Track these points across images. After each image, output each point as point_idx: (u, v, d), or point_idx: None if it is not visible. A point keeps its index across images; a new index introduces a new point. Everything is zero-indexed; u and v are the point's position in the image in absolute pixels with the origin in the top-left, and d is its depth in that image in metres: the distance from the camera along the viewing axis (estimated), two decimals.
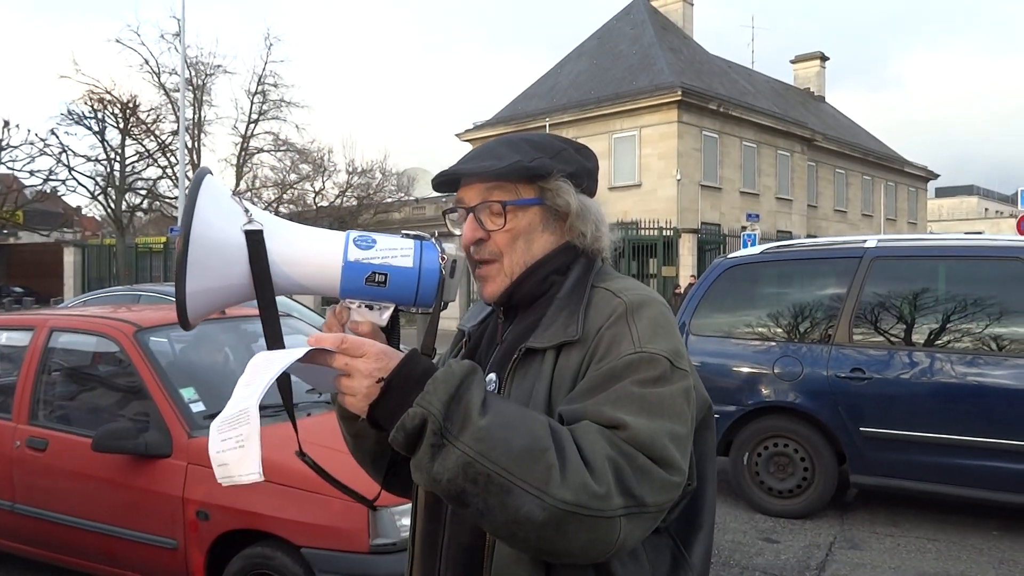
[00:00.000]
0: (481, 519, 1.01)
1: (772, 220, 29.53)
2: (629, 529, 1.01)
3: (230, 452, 0.97)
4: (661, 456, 1.04)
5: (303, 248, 1.14)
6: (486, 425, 0.98)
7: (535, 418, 1.03)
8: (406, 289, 1.16)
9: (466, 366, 1.03)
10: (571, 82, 30.28)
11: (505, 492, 0.97)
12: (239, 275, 1.10)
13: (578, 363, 1.14)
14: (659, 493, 1.03)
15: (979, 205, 65.95)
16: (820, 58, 42.65)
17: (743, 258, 6.14)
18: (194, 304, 1.08)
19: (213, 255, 1.07)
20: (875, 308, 5.33)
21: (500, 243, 1.23)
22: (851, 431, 5.13)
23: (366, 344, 1.04)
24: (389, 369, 1.03)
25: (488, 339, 1.32)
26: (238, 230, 1.09)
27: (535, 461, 0.98)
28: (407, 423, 0.99)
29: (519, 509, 0.97)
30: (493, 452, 0.97)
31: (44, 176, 28.95)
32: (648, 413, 1.05)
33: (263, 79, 30.97)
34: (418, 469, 1.00)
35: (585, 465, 0.99)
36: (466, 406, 0.99)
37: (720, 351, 5.77)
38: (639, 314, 1.15)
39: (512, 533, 1.00)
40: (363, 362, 1.03)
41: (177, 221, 21.60)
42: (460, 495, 0.99)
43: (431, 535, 1.24)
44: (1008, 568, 4.50)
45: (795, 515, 5.34)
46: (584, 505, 0.97)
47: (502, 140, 1.27)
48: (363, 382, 1.03)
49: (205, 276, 1.07)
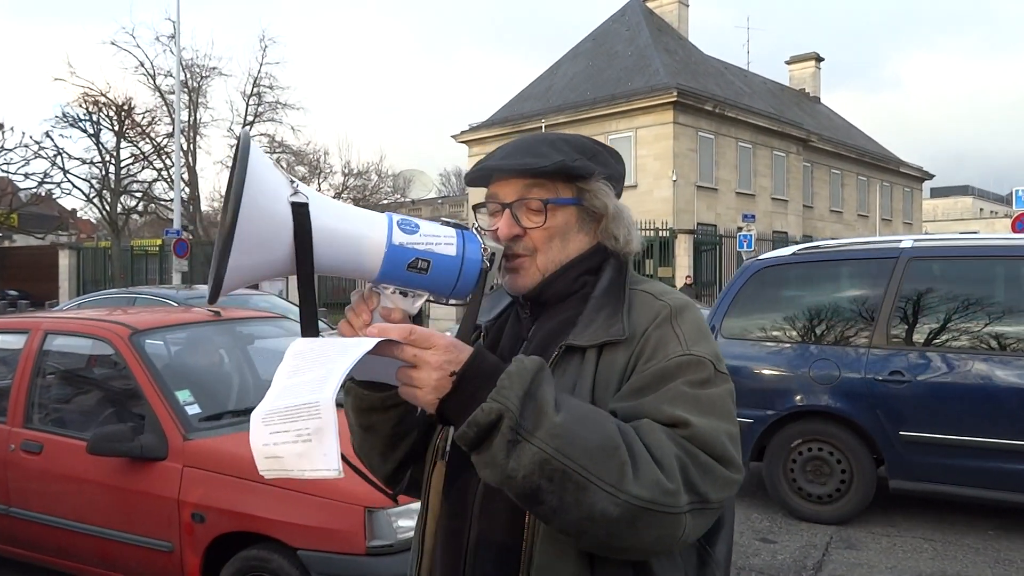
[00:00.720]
0: (553, 516, 1.00)
1: (768, 221, 29.58)
2: (692, 525, 1.04)
3: (287, 446, 0.93)
4: (721, 454, 1.07)
5: (346, 226, 1.08)
6: (561, 422, 0.98)
7: (604, 415, 1.04)
8: (446, 278, 1.12)
9: (536, 361, 1.02)
10: (567, 83, 30.30)
11: (581, 489, 0.97)
12: (281, 249, 1.03)
13: (624, 362, 1.15)
14: (721, 490, 1.07)
15: (974, 205, 66.15)
16: (815, 59, 42.74)
17: (774, 259, 6.02)
18: (232, 275, 1.01)
19: (261, 225, 1.00)
20: (913, 309, 5.24)
21: (536, 240, 1.23)
22: (890, 435, 5.03)
23: (435, 336, 1.01)
24: (460, 362, 1.00)
25: (511, 335, 1.31)
26: (285, 201, 1.03)
27: (609, 458, 0.99)
28: (481, 419, 0.96)
29: (594, 506, 0.98)
30: (569, 449, 0.97)
31: (39, 179, 28.86)
32: (705, 413, 1.08)
33: (258, 81, 30.97)
34: (489, 466, 0.98)
35: (655, 462, 1.01)
36: (540, 402, 0.99)
37: (752, 354, 5.67)
38: (683, 317, 1.18)
39: (583, 530, 1.01)
40: (432, 354, 1.00)
41: (172, 223, 21.57)
42: (535, 492, 0.98)
43: (454, 533, 1.21)
44: (1004, 567, 4.50)
45: (833, 521, 5.24)
46: (657, 502, 0.99)
47: (539, 138, 1.27)
48: (432, 375, 1.00)
49: (251, 247, 1.01)
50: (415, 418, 1.28)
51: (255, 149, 1.02)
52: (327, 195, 5.52)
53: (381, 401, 1.22)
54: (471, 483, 1.19)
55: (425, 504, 1.28)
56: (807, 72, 42.51)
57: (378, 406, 1.23)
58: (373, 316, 1.12)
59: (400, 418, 1.25)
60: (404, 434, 1.27)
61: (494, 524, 1.16)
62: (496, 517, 1.16)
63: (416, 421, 1.28)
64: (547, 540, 1.10)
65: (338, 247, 1.07)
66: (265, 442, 0.94)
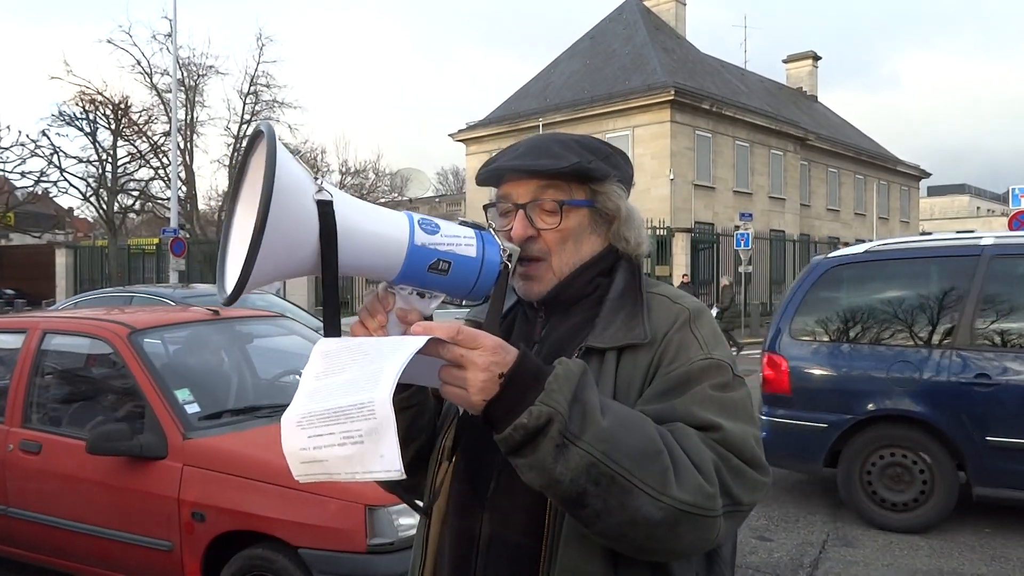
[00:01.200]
0: (596, 520, 1.00)
1: (765, 219, 29.60)
2: (725, 527, 1.05)
3: (332, 449, 0.89)
4: (751, 457, 1.09)
5: (369, 225, 1.05)
6: (608, 426, 0.98)
7: (645, 420, 1.04)
8: (465, 280, 1.09)
9: (581, 365, 1.02)
10: (564, 82, 30.30)
11: (626, 493, 0.98)
12: (307, 248, 1.01)
13: (646, 365, 1.16)
14: (752, 493, 1.08)
15: (971, 203, 66.28)
16: (812, 57, 42.76)
17: (845, 257, 5.79)
18: (258, 275, 0.97)
19: (287, 225, 0.97)
20: (997, 309, 5.07)
21: (550, 242, 1.22)
22: (975, 440, 4.86)
23: (481, 336, 0.98)
24: (507, 363, 0.98)
25: (519, 336, 1.30)
26: (311, 199, 1.00)
27: (652, 462, 0.99)
28: (529, 422, 0.95)
29: (639, 510, 0.98)
30: (616, 453, 0.97)
31: (35, 177, 28.84)
32: (732, 416, 1.10)
33: (255, 80, 30.93)
34: (534, 469, 0.97)
35: (694, 466, 1.02)
36: (586, 406, 0.98)
37: (824, 356, 5.50)
38: (700, 321, 1.20)
39: (623, 534, 1.01)
40: (479, 355, 0.97)
41: (170, 222, 21.53)
42: (580, 496, 0.98)
43: (464, 533, 1.20)
44: (1000, 564, 4.52)
45: (914, 529, 5.06)
46: (700, 506, 1.01)
47: (552, 138, 1.26)
48: (479, 375, 0.97)
49: (278, 246, 0.97)
50: (425, 422, 1.27)
51: (281, 145, 0.99)
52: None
53: (395, 403, 1.21)
54: (481, 484, 1.19)
55: (429, 505, 1.27)
56: (804, 71, 42.53)
57: None
58: (389, 317, 1.11)
59: (411, 420, 1.23)
60: (413, 439, 1.26)
61: (509, 524, 1.16)
62: (511, 518, 1.15)
63: (425, 425, 1.27)
64: (571, 541, 1.10)
65: (361, 247, 1.04)
66: (303, 446, 0.90)
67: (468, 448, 1.22)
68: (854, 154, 37.23)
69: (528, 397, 0.96)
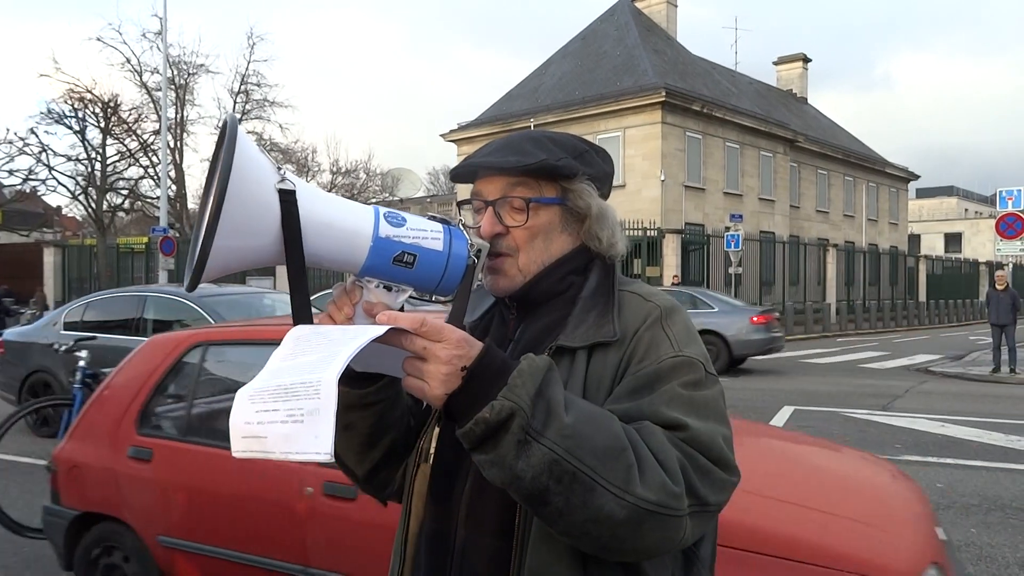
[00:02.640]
0: (558, 518, 0.99)
1: (755, 221, 29.72)
2: (691, 527, 1.04)
3: (273, 426, 0.88)
4: (719, 457, 1.07)
5: (333, 216, 1.05)
6: (571, 422, 0.97)
7: (610, 417, 1.03)
8: (431, 273, 1.09)
9: (546, 361, 1.01)
10: (555, 83, 30.33)
11: (589, 491, 0.97)
12: (267, 236, 1.01)
13: (616, 363, 1.14)
14: (720, 492, 1.06)
15: (959, 206, 66.69)
16: (803, 59, 42.97)
17: None
18: (215, 262, 0.97)
19: (246, 212, 0.97)
20: None
21: (518, 239, 1.22)
22: None
23: (446, 329, 0.97)
24: (471, 357, 0.97)
25: (496, 335, 1.29)
26: (272, 188, 1.00)
27: (616, 460, 0.98)
28: (491, 416, 0.94)
29: (601, 508, 0.97)
30: (579, 450, 0.96)
31: (23, 175, 28.67)
32: (701, 415, 1.08)
33: (246, 78, 30.87)
34: (496, 465, 0.96)
35: (660, 465, 1.01)
36: (549, 402, 0.97)
37: None
38: (672, 319, 1.18)
39: (586, 532, 1.00)
40: (443, 347, 0.96)
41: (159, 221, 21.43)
42: (542, 493, 0.97)
43: (438, 537, 1.20)
44: (986, 564, 4.55)
45: None
46: (664, 504, 0.99)
47: (525, 136, 1.25)
48: (442, 368, 0.96)
49: (236, 232, 0.97)
50: (394, 418, 1.26)
51: (242, 133, 0.99)
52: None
53: (360, 398, 1.19)
54: (457, 486, 1.18)
55: (407, 508, 1.26)
56: (794, 73, 42.73)
57: (356, 403, 1.19)
58: (355, 310, 1.10)
59: (379, 416, 1.22)
60: (382, 433, 1.25)
61: (482, 527, 1.15)
62: (484, 520, 1.14)
63: (395, 421, 1.26)
64: (539, 542, 1.09)
65: (323, 237, 1.04)
66: (248, 420, 0.89)
67: (444, 450, 1.21)
68: (843, 156, 37.42)
69: (491, 392, 0.96)
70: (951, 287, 36.33)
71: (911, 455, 7.26)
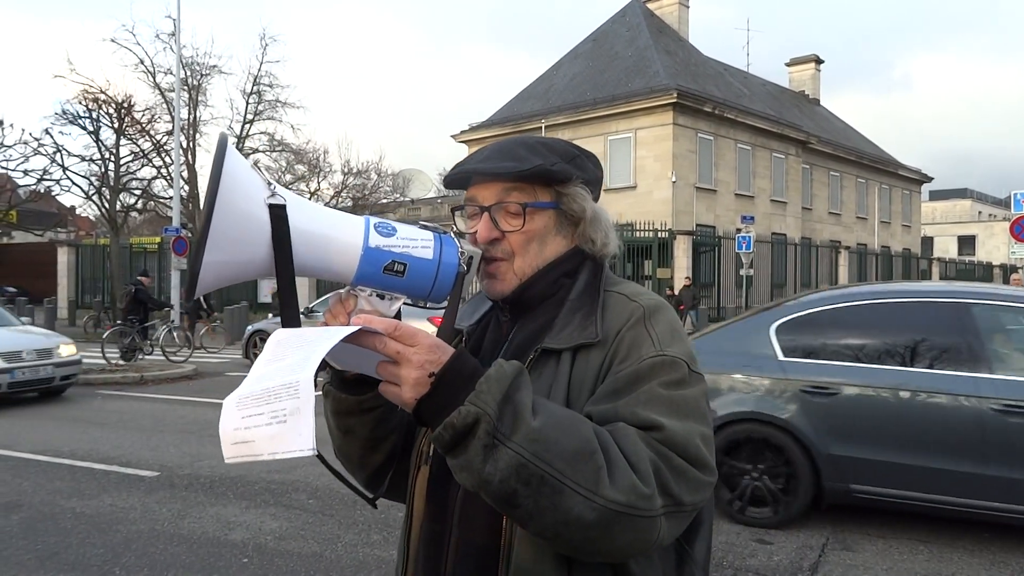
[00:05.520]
0: (529, 520, 1.00)
1: (767, 222, 29.61)
2: (667, 528, 1.04)
3: (260, 429, 0.91)
4: (695, 457, 1.07)
5: (323, 228, 1.09)
6: (539, 427, 0.98)
7: (581, 420, 1.04)
8: (423, 282, 1.12)
9: (516, 366, 1.02)
10: (567, 84, 30.32)
11: (557, 493, 0.97)
12: (258, 250, 1.04)
13: (598, 365, 1.15)
14: (695, 493, 1.06)
15: (972, 208, 66.20)
16: (815, 61, 42.80)
17: None
18: (207, 275, 1.01)
19: (236, 227, 1.01)
20: None
21: (514, 244, 1.23)
22: None
23: (419, 334, 1.01)
24: (441, 363, 1.00)
25: (491, 338, 1.31)
26: (262, 203, 1.03)
27: (585, 463, 0.98)
28: (457, 422, 0.96)
29: (570, 511, 0.98)
30: (547, 454, 0.97)
31: (38, 176, 28.84)
32: (678, 415, 1.08)
33: (259, 79, 30.98)
34: (465, 469, 0.99)
35: (631, 466, 1.01)
36: (517, 406, 0.99)
37: None
38: (656, 318, 1.18)
39: (557, 534, 1.01)
40: (415, 352, 0.99)
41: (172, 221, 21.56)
42: (511, 497, 0.98)
43: (436, 536, 1.22)
44: (999, 570, 4.52)
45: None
46: (633, 506, 0.99)
47: (518, 141, 1.27)
48: (412, 373, 0.99)
49: (226, 247, 1.01)
50: (394, 423, 1.28)
51: (231, 150, 1.02)
52: (326, 194, 5.50)
53: (358, 404, 1.22)
54: (452, 487, 1.19)
55: (410, 509, 1.28)
56: (807, 74, 42.57)
57: (355, 409, 1.23)
58: (350, 318, 1.12)
59: (378, 422, 1.25)
60: (383, 438, 1.27)
61: (474, 527, 1.16)
62: (476, 520, 1.16)
63: (395, 425, 1.29)
64: (525, 542, 1.10)
65: (315, 249, 1.08)
66: (236, 427, 0.93)
67: (438, 452, 1.23)
68: (856, 158, 37.23)
69: (459, 397, 0.98)
70: None
71: None
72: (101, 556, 4.66)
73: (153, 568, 4.47)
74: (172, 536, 5.02)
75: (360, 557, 4.66)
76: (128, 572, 4.41)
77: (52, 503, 5.77)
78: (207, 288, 1.04)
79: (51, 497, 5.93)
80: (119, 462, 7.08)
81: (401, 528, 1.31)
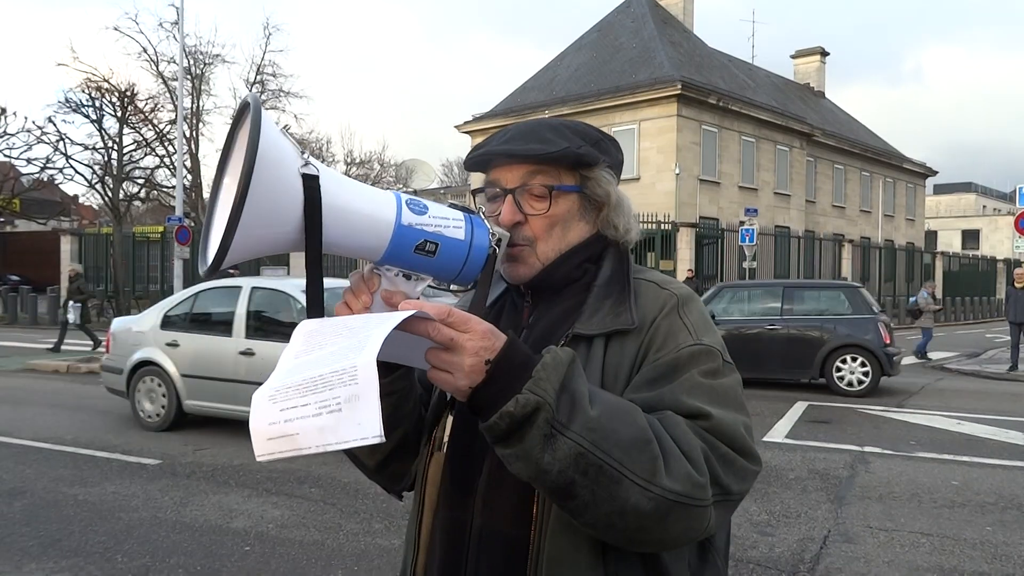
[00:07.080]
0: (584, 511, 0.99)
1: (771, 215, 29.53)
2: (715, 517, 1.04)
3: (305, 421, 0.85)
4: (741, 446, 1.06)
5: (355, 202, 1.02)
6: (596, 415, 0.97)
7: (635, 408, 1.02)
8: (453, 263, 1.07)
9: (569, 353, 1.00)
10: (571, 75, 30.22)
11: (615, 483, 0.96)
12: (289, 222, 0.98)
13: (634, 352, 1.14)
14: (743, 481, 1.06)
15: (977, 202, 66.02)
16: (820, 53, 42.61)
17: None
18: (237, 248, 0.94)
19: (271, 197, 0.94)
20: None
21: (537, 228, 1.20)
22: None
23: (473, 320, 0.96)
24: (495, 350, 0.96)
25: (508, 323, 1.28)
26: (296, 172, 0.97)
27: (642, 452, 0.97)
28: (516, 410, 0.93)
29: (627, 500, 0.97)
30: (604, 443, 0.96)
31: (41, 164, 28.92)
32: (722, 404, 1.08)
33: (262, 69, 30.99)
34: (521, 459, 0.95)
35: (683, 455, 1.01)
36: (574, 395, 0.97)
37: None
38: (689, 307, 1.17)
39: (611, 524, 0.99)
40: (469, 338, 0.95)
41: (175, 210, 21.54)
42: (568, 487, 0.96)
43: (455, 524, 1.18)
44: (1001, 563, 4.51)
45: None
46: (689, 495, 0.99)
47: (541, 123, 1.24)
48: (468, 360, 0.94)
49: (259, 219, 0.94)
50: (407, 409, 1.25)
51: (266, 114, 0.95)
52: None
53: None
54: (472, 474, 1.17)
55: (420, 497, 1.25)
56: (812, 67, 42.39)
57: None
58: (374, 299, 1.08)
59: (393, 408, 1.20)
60: (395, 425, 1.23)
61: (499, 516, 1.14)
62: (501, 509, 1.13)
63: (408, 413, 1.25)
64: (558, 532, 1.08)
65: (345, 224, 1.01)
66: (273, 420, 0.86)
67: (458, 438, 1.20)
68: (860, 151, 37.11)
69: (515, 385, 0.94)
70: (968, 284, 36.00)
71: (926, 452, 7.21)
72: (103, 543, 4.67)
73: (155, 555, 4.48)
74: (174, 524, 5.03)
75: (362, 546, 4.67)
76: (130, 559, 4.42)
77: (54, 490, 5.79)
78: (233, 261, 0.97)
79: (53, 484, 5.95)
80: (121, 450, 7.10)
81: (410, 516, 1.28)
